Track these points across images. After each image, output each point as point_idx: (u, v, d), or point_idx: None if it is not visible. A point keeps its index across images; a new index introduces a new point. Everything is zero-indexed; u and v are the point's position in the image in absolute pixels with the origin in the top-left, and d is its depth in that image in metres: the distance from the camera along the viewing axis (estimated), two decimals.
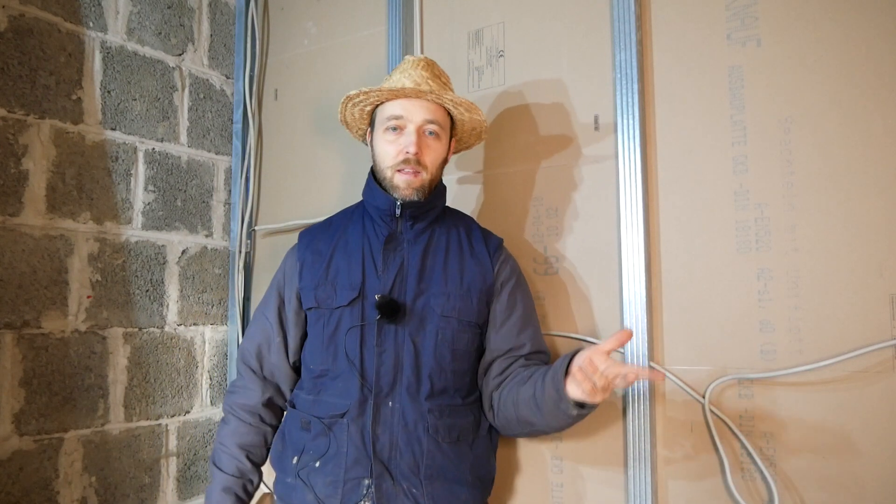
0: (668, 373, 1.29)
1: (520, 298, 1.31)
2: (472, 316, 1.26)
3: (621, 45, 1.35)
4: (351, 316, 1.24)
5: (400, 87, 1.23)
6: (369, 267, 1.27)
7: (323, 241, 1.34)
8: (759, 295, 1.22)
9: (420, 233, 1.29)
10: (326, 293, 1.28)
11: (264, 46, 2.04)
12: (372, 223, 1.31)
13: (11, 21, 1.53)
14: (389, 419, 1.21)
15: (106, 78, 1.73)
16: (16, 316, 1.51)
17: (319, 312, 1.28)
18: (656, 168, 1.34)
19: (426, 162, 1.25)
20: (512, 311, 1.29)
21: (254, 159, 2.01)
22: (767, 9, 1.25)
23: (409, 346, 1.22)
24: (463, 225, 1.35)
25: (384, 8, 1.74)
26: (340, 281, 1.27)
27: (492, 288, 1.29)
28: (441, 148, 1.28)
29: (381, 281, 1.25)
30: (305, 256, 1.34)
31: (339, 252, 1.31)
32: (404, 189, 1.24)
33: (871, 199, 1.14)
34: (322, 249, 1.33)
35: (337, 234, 1.34)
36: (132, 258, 1.77)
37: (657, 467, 1.28)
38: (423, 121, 1.24)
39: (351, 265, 1.28)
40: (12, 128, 1.52)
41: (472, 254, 1.30)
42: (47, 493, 1.54)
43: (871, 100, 1.15)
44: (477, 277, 1.28)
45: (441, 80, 1.30)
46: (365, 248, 1.29)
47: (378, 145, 1.28)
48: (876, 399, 1.11)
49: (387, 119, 1.26)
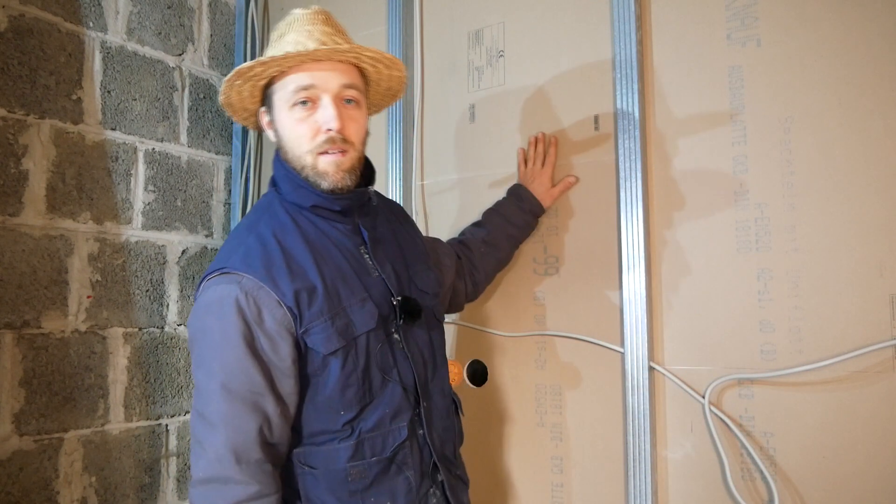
0: (668, 373, 1.29)
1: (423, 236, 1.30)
2: (441, 284, 1.24)
3: (621, 45, 1.35)
4: (375, 335, 1.03)
5: (307, 51, 0.97)
6: (362, 274, 1.06)
7: (295, 265, 1.01)
8: (759, 295, 1.22)
9: (377, 216, 1.16)
10: (344, 322, 1.01)
11: (264, 46, 2.04)
12: (328, 223, 1.07)
13: (11, 21, 1.53)
14: (433, 417, 1.10)
15: (106, 78, 1.73)
16: (16, 316, 1.51)
17: (347, 349, 1.00)
18: (656, 168, 1.34)
19: (352, 137, 1.03)
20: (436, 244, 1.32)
21: (254, 159, 2.01)
22: (767, 9, 1.25)
23: (423, 335, 1.12)
24: (394, 205, 1.29)
25: (384, 8, 1.74)
26: (348, 303, 1.02)
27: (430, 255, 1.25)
28: (363, 117, 1.06)
29: (383, 283, 1.08)
30: (296, 289, 0.98)
31: (325, 269, 1.02)
32: (334, 174, 1.01)
33: (871, 199, 1.14)
34: (304, 274, 1.00)
35: (301, 252, 1.02)
36: (132, 258, 1.77)
37: (657, 467, 1.28)
38: (340, 87, 1.01)
39: (346, 281, 1.03)
40: (12, 128, 1.52)
41: (412, 231, 1.25)
42: (47, 493, 1.54)
43: (871, 100, 1.15)
44: (423, 251, 1.23)
45: (346, 35, 1.07)
46: (345, 254, 1.06)
47: (286, 127, 1.03)
48: (876, 399, 1.11)
49: (293, 93, 1.01)
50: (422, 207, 1.64)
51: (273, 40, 1.06)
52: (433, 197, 1.63)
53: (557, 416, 1.41)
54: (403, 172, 1.64)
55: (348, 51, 1.01)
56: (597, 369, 1.37)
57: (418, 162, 1.65)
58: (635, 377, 1.29)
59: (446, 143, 1.62)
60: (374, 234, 1.11)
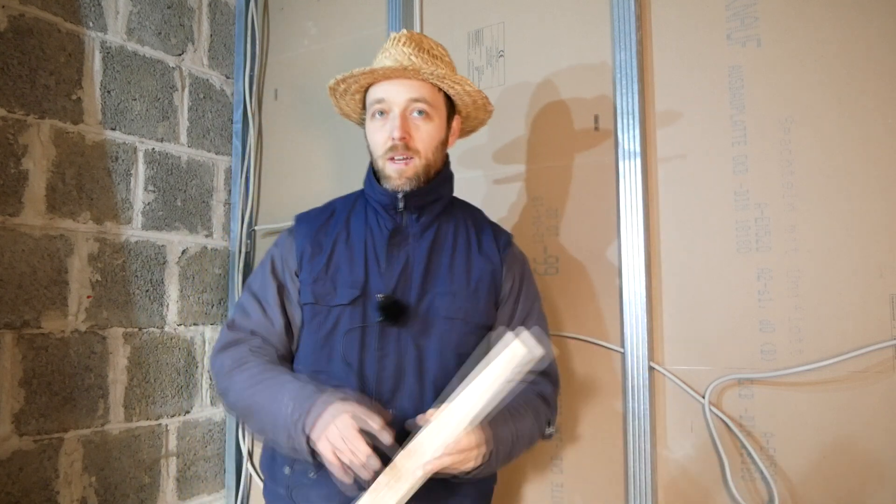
0: (668, 373, 1.29)
1: (529, 303, 1.21)
2: (479, 317, 1.16)
3: (621, 45, 1.35)
4: (351, 316, 1.14)
5: (370, 69, 1.12)
6: (372, 264, 1.16)
7: (323, 232, 1.22)
8: (759, 295, 1.22)
9: (426, 227, 1.18)
10: (325, 289, 1.16)
11: (264, 46, 2.04)
12: (375, 215, 1.20)
13: (11, 21, 1.53)
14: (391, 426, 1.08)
15: (106, 78, 1.73)
16: (16, 316, 1.51)
17: (316, 309, 1.16)
18: (656, 168, 1.34)
19: (416, 146, 1.12)
20: (520, 318, 1.18)
21: (254, 159, 2.01)
22: (767, 9, 1.25)
23: (412, 350, 1.12)
24: (471, 218, 1.24)
25: (384, 8, 1.74)
26: (342, 277, 1.16)
27: (500, 288, 1.18)
28: (434, 129, 1.15)
29: (384, 279, 1.14)
30: (305, 246, 1.21)
31: (340, 245, 1.19)
32: (396, 179, 1.13)
33: (871, 199, 1.14)
34: (322, 241, 1.20)
35: (339, 225, 1.22)
36: (132, 258, 1.77)
37: (657, 467, 1.28)
38: (407, 101, 1.12)
39: (353, 261, 1.17)
40: (12, 128, 1.52)
41: (480, 250, 1.19)
42: (47, 493, 1.54)
43: (871, 100, 1.15)
44: (485, 276, 1.17)
45: (431, 54, 1.16)
46: (368, 243, 1.18)
47: (368, 134, 1.18)
48: (876, 399, 1.11)
49: (371, 104, 1.16)
50: None
51: None
52: None
53: (557, 416, 1.41)
54: None
55: (405, 69, 1.10)
56: (597, 369, 1.37)
57: None
58: (635, 377, 1.29)
59: None
60: (401, 233, 1.17)
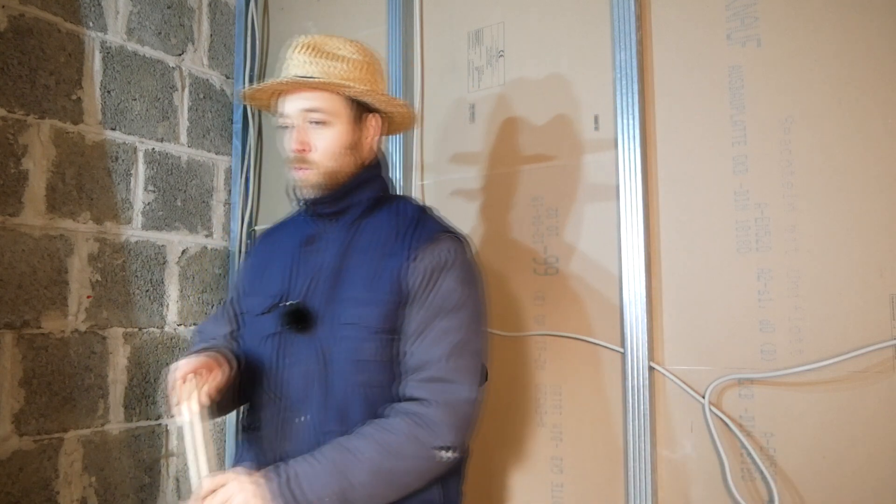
0: (668, 373, 1.29)
1: (431, 312, 1.08)
2: (377, 322, 1.08)
3: (621, 45, 1.35)
4: (268, 325, 1.15)
5: (260, 87, 1.16)
6: (291, 271, 1.18)
7: (266, 245, 1.29)
8: (759, 295, 1.22)
9: (346, 228, 1.17)
10: (254, 299, 1.21)
11: (264, 46, 2.04)
12: (303, 222, 1.23)
13: (11, 21, 1.53)
14: (301, 433, 1.09)
15: (106, 78, 1.73)
16: (16, 316, 1.51)
17: (245, 319, 1.22)
18: (656, 168, 1.34)
19: (314, 157, 1.13)
20: (425, 325, 1.08)
21: (254, 159, 2.01)
22: (767, 9, 1.25)
23: (317, 358, 1.10)
24: (402, 217, 1.18)
25: (384, 8, 1.74)
26: (265, 287, 1.20)
27: (405, 288, 1.09)
28: (335, 135, 1.13)
29: (297, 287, 1.15)
30: (250, 262, 1.30)
31: (273, 256, 1.24)
32: (301, 187, 1.15)
33: (872, 199, 1.14)
34: (263, 254, 1.27)
35: (278, 236, 1.28)
36: (132, 258, 1.77)
37: (657, 467, 1.28)
38: (301, 113, 1.13)
39: (276, 270, 1.20)
40: (12, 128, 1.52)
41: (391, 250, 1.12)
42: (47, 493, 1.54)
43: (871, 100, 1.15)
44: (389, 276, 1.09)
45: (333, 56, 1.14)
46: (290, 252, 1.21)
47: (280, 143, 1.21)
48: (876, 399, 1.11)
49: (277, 118, 1.19)
50: None
51: None
52: (433, 197, 1.63)
53: (557, 416, 1.41)
54: (403, 172, 1.64)
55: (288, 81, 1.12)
56: (597, 369, 1.37)
57: (418, 162, 1.65)
58: (635, 377, 1.29)
59: (446, 143, 1.62)
60: (316, 240, 1.19)
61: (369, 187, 1.19)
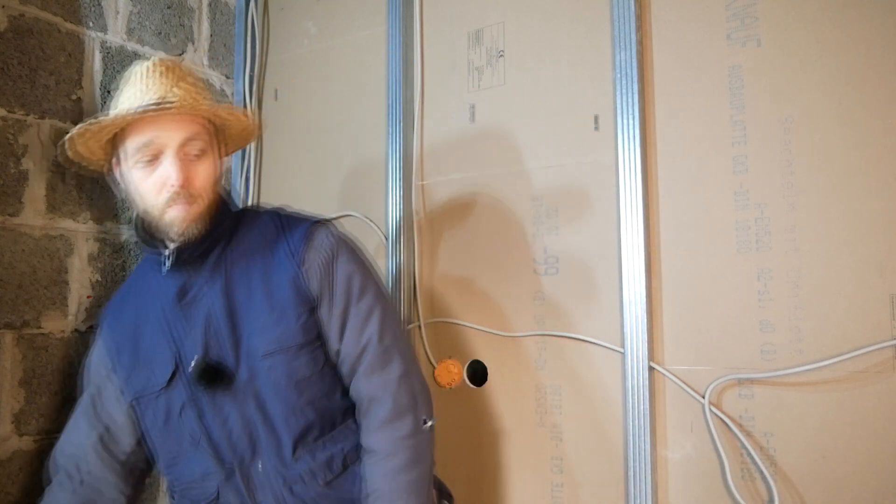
0: (668, 373, 1.29)
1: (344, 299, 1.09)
2: (297, 337, 1.06)
3: (621, 45, 1.35)
4: (178, 394, 1.07)
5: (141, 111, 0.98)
6: (175, 331, 1.08)
7: (126, 316, 1.15)
8: (759, 295, 1.22)
9: (215, 266, 1.08)
10: (145, 377, 1.10)
11: (264, 46, 2.04)
12: (162, 278, 1.10)
13: (11, 21, 1.53)
14: (265, 479, 1.06)
15: (106, 78, 1.73)
16: (16, 316, 1.51)
17: (143, 402, 1.10)
18: (656, 168, 1.34)
19: (198, 190, 1.03)
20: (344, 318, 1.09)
21: (254, 159, 2.01)
22: (767, 9, 1.25)
23: (250, 401, 1.05)
24: (264, 229, 1.12)
25: (384, 8, 1.74)
26: (155, 358, 1.09)
27: (308, 291, 1.07)
28: (211, 166, 1.06)
29: (192, 343, 1.06)
30: (110, 342, 1.15)
31: (143, 325, 1.11)
32: (181, 224, 1.03)
33: (872, 199, 1.14)
34: (126, 326, 1.13)
35: (136, 301, 1.14)
36: (132, 258, 1.77)
37: (657, 467, 1.28)
38: (183, 141, 1.02)
39: (157, 336, 1.09)
40: (12, 128, 1.52)
41: (275, 264, 1.08)
42: None
43: (871, 100, 1.15)
44: (286, 288, 1.06)
45: (189, 81, 1.07)
46: (164, 310, 1.09)
47: (132, 183, 1.04)
48: (876, 399, 1.11)
49: (135, 151, 1.02)
50: (422, 207, 1.64)
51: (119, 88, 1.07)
52: (433, 197, 1.63)
53: (557, 416, 1.41)
54: (403, 172, 1.64)
55: (180, 105, 1.00)
56: (597, 369, 1.37)
57: (418, 162, 1.65)
58: (635, 377, 1.29)
59: (446, 143, 1.62)
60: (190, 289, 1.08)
61: (228, 215, 1.12)
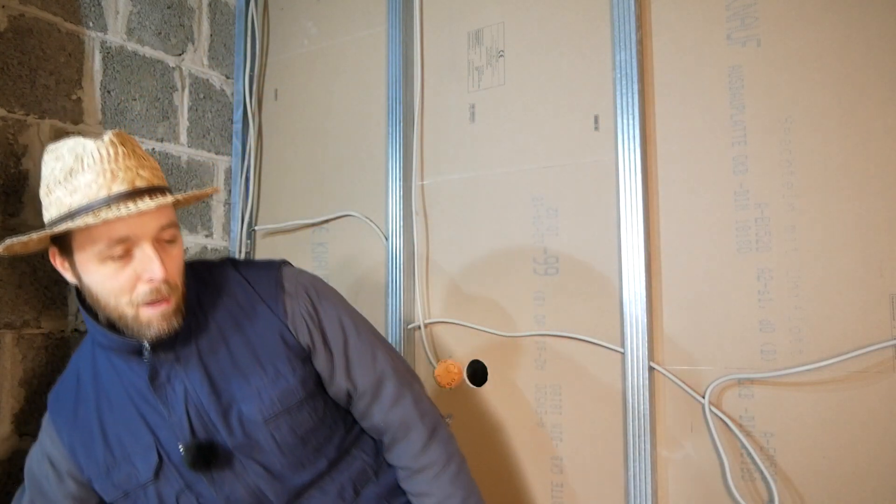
0: (668, 373, 1.29)
1: (339, 333, 1.06)
2: (298, 392, 1.01)
3: (621, 45, 1.35)
4: (169, 483, 0.99)
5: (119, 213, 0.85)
6: (151, 417, 0.99)
7: (82, 410, 1.03)
8: (759, 295, 1.22)
9: (186, 340, 0.99)
10: (126, 473, 1.00)
11: (264, 46, 2.04)
12: (122, 361, 1.01)
13: (11, 21, 1.53)
14: None
15: (106, 78, 1.73)
16: (16, 316, 1.51)
17: (133, 498, 1.00)
18: (656, 168, 1.34)
19: (176, 280, 0.95)
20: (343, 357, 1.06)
21: (254, 159, 2.01)
22: (767, 9, 1.25)
23: (253, 468, 0.99)
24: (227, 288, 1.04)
25: (384, 8, 1.74)
26: (133, 450, 0.99)
27: (297, 341, 1.02)
28: (180, 249, 0.98)
29: (174, 427, 0.98)
30: (70, 443, 1.03)
31: (107, 416, 1.01)
32: (160, 323, 0.93)
33: (871, 199, 1.14)
34: (86, 421, 1.02)
35: (91, 391, 1.04)
36: None
37: (657, 467, 1.28)
38: (159, 230, 0.92)
39: (130, 425, 0.99)
40: (12, 128, 1.52)
41: (253, 319, 1.01)
42: None
43: (871, 100, 1.15)
44: (274, 344, 1.01)
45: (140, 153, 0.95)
46: (134, 397, 1.00)
47: (96, 281, 0.91)
48: (876, 399, 1.11)
49: (106, 247, 0.89)
50: (422, 208, 1.64)
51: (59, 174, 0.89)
52: (433, 197, 1.63)
53: (557, 416, 1.41)
54: (403, 172, 1.64)
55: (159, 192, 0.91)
56: (597, 369, 1.37)
57: (418, 162, 1.66)
58: (635, 377, 1.29)
59: (446, 143, 1.62)
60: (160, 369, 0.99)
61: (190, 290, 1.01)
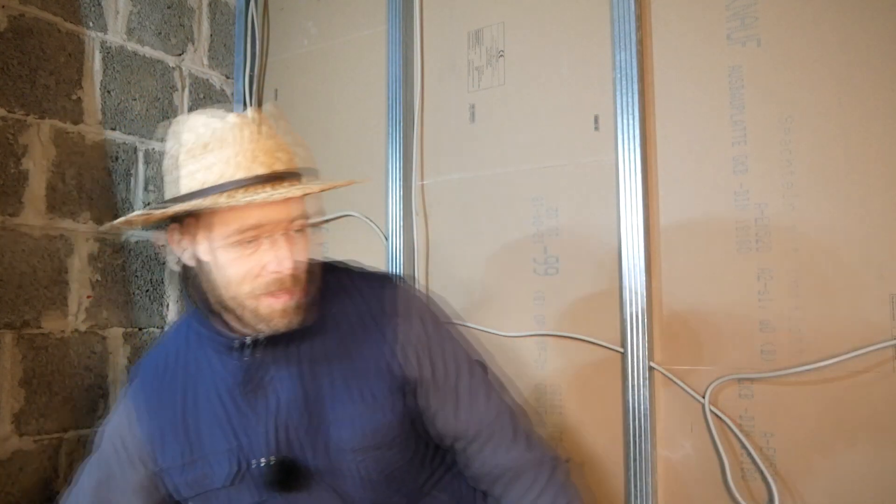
0: (668, 373, 1.29)
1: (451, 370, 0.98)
2: (394, 430, 0.94)
3: (621, 45, 1.35)
4: (244, 495, 0.93)
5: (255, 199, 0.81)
6: (237, 420, 0.93)
7: (169, 394, 0.97)
8: (759, 295, 1.22)
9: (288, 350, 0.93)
10: (201, 473, 0.94)
11: (264, 46, 2.04)
12: (218, 357, 0.95)
13: (11, 21, 1.53)
14: None
15: (106, 78, 1.73)
16: (16, 316, 1.51)
17: (204, 498, 0.95)
18: (656, 168, 1.34)
19: (301, 273, 0.89)
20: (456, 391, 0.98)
21: None
22: (767, 9, 1.25)
23: (329, 495, 0.93)
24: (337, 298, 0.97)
25: (384, 8, 1.74)
26: (213, 452, 0.93)
27: (404, 373, 0.94)
28: (308, 241, 0.92)
29: (257, 437, 0.92)
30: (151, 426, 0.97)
31: (191, 409, 0.95)
32: (279, 319, 0.87)
33: (872, 200, 1.14)
34: (171, 409, 0.96)
35: (182, 378, 0.97)
36: (132, 258, 1.77)
37: (657, 467, 1.28)
38: (291, 221, 0.88)
39: (213, 425, 0.94)
40: (12, 128, 1.52)
41: (363, 341, 0.94)
42: (47, 493, 1.54)
43: (871, 100, 1.15)
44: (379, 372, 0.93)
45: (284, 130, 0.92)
46: (222, 396, 0.94)
47: (219, 265, 0.87)
48: (876, 399, 1.11)
49: (236, 233, 0.85)
50: (422, 208, 1.64)
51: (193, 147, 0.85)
52: (433, 197, 1.63)
53: (557, 416, 1.41)
54: (403, 172, 1.64)
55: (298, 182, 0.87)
56: (597, 369, 1.37)
57: (418, 162, 1.65)
58: (635, 377, 1.29)
59: (446, 143, 1.62)
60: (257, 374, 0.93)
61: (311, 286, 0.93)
